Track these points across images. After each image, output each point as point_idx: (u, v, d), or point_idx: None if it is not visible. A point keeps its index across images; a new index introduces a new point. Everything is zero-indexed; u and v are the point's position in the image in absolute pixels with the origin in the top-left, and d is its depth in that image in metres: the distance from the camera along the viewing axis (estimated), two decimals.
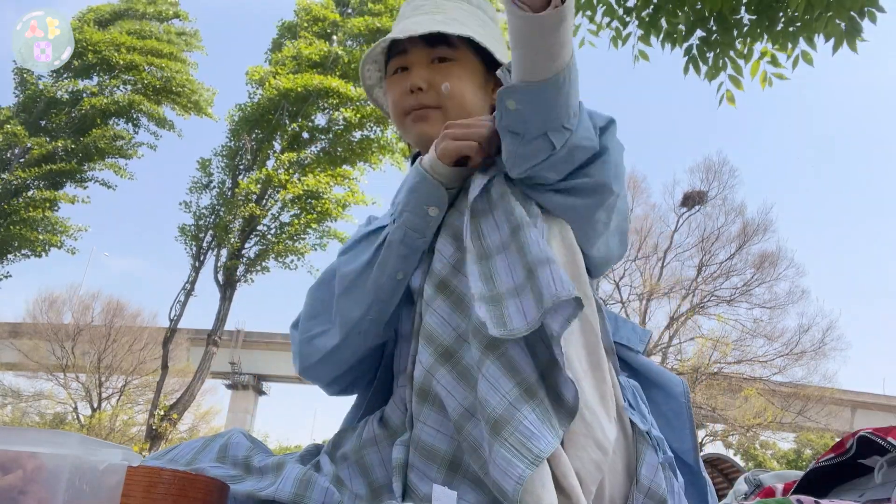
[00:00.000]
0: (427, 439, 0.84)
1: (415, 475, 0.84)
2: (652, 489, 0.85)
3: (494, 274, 0.87)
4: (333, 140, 13.70)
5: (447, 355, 0.85)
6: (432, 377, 0.84)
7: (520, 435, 0.73)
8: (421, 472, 0.83)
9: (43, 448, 0.56)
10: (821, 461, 1.29)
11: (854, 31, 3.09)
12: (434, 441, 0.83)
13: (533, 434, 0.73)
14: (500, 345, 0.79)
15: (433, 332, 0.86)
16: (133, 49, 14.32)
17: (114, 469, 0.62)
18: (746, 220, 16.80)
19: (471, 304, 0.84)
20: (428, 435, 0.84)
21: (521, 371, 0.78)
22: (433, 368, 0.84)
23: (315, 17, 14.52)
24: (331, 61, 13.54)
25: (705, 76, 3.64)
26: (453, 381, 0.83)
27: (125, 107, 14.34)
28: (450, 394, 0.83)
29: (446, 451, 0.83)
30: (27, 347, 18.23)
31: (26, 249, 13.52)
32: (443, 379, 0.83)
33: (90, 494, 0.58)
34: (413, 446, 0.85)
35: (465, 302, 0.88)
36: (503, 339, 0.79)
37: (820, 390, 16.54)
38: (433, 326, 0.87)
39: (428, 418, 0.84)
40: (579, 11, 3.69)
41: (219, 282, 13.72)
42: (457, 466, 0.83)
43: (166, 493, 0.72)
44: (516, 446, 0.73)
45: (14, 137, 13.41)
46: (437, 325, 0.86)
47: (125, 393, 19.23)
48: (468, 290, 0.86)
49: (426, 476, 0.83)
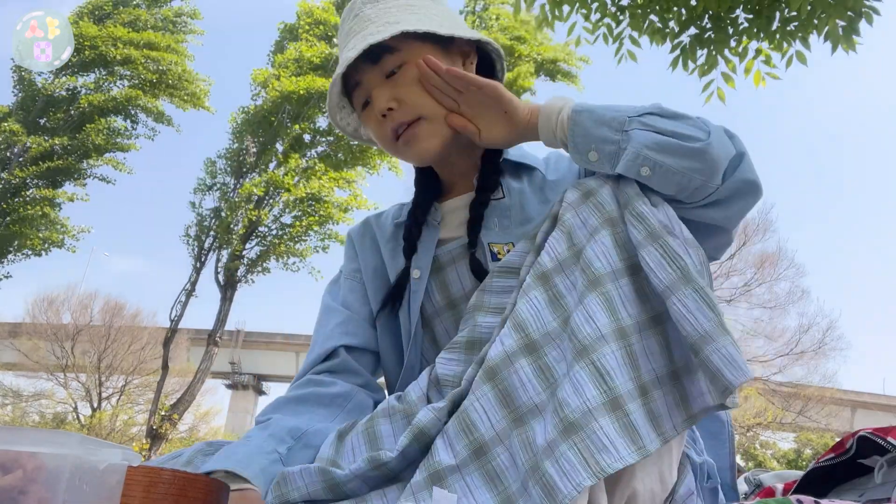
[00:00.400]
0: (472, 414, 0.81)
1: (441, 442, 0.81)
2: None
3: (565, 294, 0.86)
4: (334, 143, 13.73)
5: (532, 347, 0.82)
6: (511, 363, 0.81)
7: (591, 444, 0.71)
8: (450, 441, 0.81)
9: (43, 448, 0.55)
10: (821, 461, 1.29)
11: (852, 32, 3.09)
12: (478, 420, 0.81)
13: (605, 447, 0.71)
14: (593, 352, 0.77)
15: (525, 321, 0.83)
16: (129, 43, 14.27)
17: (114, 469, 0.62)
18: (746, 220, 16.75)
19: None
20: (475, 411, 0.81)
21: (610, 381, 0.75)
22: (515, 356, 0.81)
23: (316, 20, 14.54)
24: (332, 64, 13.56)
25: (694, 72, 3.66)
26: (532, 374, 0.80)
27: (123, 102, 14.32)
28: (524, 385, 0.80)
29: (482, 434, 0.80)
30: (27, 347, 18.23)
31: (26, 249, 13.52)
32: (521, 370, 0.81)
33: (90, 494, 0.58)
34: (456, 416, 0.82)
35: (561, 302, 0.85)
36: (598, 347, 0.77)
37: (820, 390, 16.54)
38: (526, 315, 0.83)
39: (484, 398, 0.81)
40: (573, 9, 3.70)
41: (219, 282, 13.74)
42: (483, 453, 0.80)
43: (166, 493, 0.72)
44: (584, 454, 0.71)
45: (13, 136, 13.40)
46: (531, 316, 0.83)
47: (125, 393, 19.23)
48: (568, 291, 0.85)
49: (452, 447, 0.80)
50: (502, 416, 0.80)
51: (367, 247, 1.23)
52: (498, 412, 0.80)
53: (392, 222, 1.23)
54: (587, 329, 0.78)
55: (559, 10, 3.71)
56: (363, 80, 1.08)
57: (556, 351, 0.81)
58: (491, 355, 0.83)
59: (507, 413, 0.80)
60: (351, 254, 1.25)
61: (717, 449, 1.00)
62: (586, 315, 0.79)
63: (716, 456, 0.99)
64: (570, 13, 3.71)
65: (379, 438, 0.91)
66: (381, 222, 1.25)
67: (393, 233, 1.21)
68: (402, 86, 1.06)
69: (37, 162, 13.54)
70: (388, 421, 0.92)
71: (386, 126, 1.07)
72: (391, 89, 1.06)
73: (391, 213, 1.26)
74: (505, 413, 0.80)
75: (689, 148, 0.88)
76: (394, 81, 1.06)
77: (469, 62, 1.15)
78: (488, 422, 0.80)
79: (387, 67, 1.06)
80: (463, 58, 1.14)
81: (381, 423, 0.92)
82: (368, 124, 1.13)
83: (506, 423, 0.80)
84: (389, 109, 1.05)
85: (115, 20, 14.69)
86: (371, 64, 1.06)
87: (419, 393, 0.93)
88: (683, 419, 0.78)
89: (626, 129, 0.90)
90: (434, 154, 1.09)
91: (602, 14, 3.70)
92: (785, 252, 16.42)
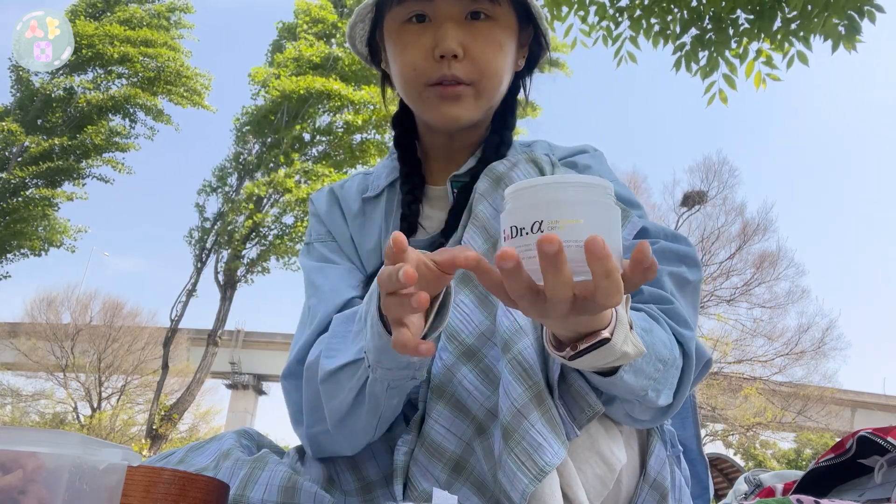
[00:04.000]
0: (436, 437, 0.81)
1: (417, 470, 0.82)
2: (657, 481, 0.85)
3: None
4: (334, 142, 13.74)
5: (469, 353, 0.81)
6: (453, 375, 0.81)
7: (526, 445, 0.71)
8: (424, 468, 0.82)
9: (43, 448, 0.55)
10: (821, 461, 1.29)
11: (853, 32, 3.09)
12: (442, 440, 0.81)
13: (539, 445, 0.71)
14: (514, 346, 0.75)
15: (457, 329, 0.81)
16: (126, 41, 14.26)
17: (114, 469, 0.62)
18: (746, 220, 16.80)
19: (497, 304, 0.80)
20: (437, 433, 0.81)
21: (533, 375, 0.74)
22: (455, 367, 0.80)
23: (314, 19, 14.54)
24: (330, 63, 13.57)
25: (697, 73, 3.66)
26: (476, 380, 0.80)
27: (121, 101, 14.33)
28: (471, 394, 0.80)
29: (453, 451, 0.81)
30: (26, 347, 18.22)
31: (25, 248, 13.52)
32: (465, 378, 0.80)
33: (90, 494, 0.58)
34: (420, 442, 0.82)
35: (491, 299, 0.82)
36: (517, 340, 0.75)
37: (820, 390, 16.54)
38: (456, 323, 0.81)
39: (440, 416, 0.81)
40: (571, 11, 3.71)
41: (219, 282, 13.76)
42: (461, 468, 0.81)
43: (166, 493, 0.72)
44: (522, 458, 0.71)
45: (11, 136, 13.41)
46: (461, 322, 0.81)
47: (125, 393, 19.22)
48: None
49: (429, 473, 0.81)
50: (466, 427, 0.81)
51: (335, 217, 1.09)
52: (460, 425, 0.81)
53: (358, 196, 1.09)
54: (506, 322, 0.77)
55: (557, 11, 3.71)
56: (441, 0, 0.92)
57: (494, 349, 0.80)
58: (434, 372, 0.82)
59: (469, 422, 0.80)
60: (317, 220, 1.11)
61: (683, 418, 1.01)
62: (505, 308, 0.77)
63: (682, 425, 1.00)
64: (568, 14, 3.71)
65: (361, 463, 0.91)
66: (345, 194, 1.11)
67: (360, 208, 1.08)
68: (480, 39, 0.93)
69: (36, 162, 13.54)
70: (368, 446, 0.92)
71: (434, 68, 0.92)
72: (466, 34, 0.92)
73: (355, 185, 1.12)
74: (467, 423, 0.81)
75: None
76: (472, 27, 0.93)
77: (523, 54, 1.05)
78: (453, 437, 0.81)
79: (475, 7, 0.93)
80: (525, 41, 1.04)
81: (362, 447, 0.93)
82: (407, 44, 0.95)
83: (470, 431, 0.80)
84: (454, 57, 0.91)
85: (111, 18, 14.67)
86: None
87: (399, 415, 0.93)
88: (593, 404, 0.76)
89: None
90: (458, 125, 0.97)
91: (600, 17, 3.70)
92: (785, 252, 16.44)
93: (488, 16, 0.94)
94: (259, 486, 0.86)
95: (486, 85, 0.94)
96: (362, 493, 0.91)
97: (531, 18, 1.01)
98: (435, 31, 0.92)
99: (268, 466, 0.89)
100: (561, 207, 0.54)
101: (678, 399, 0.80)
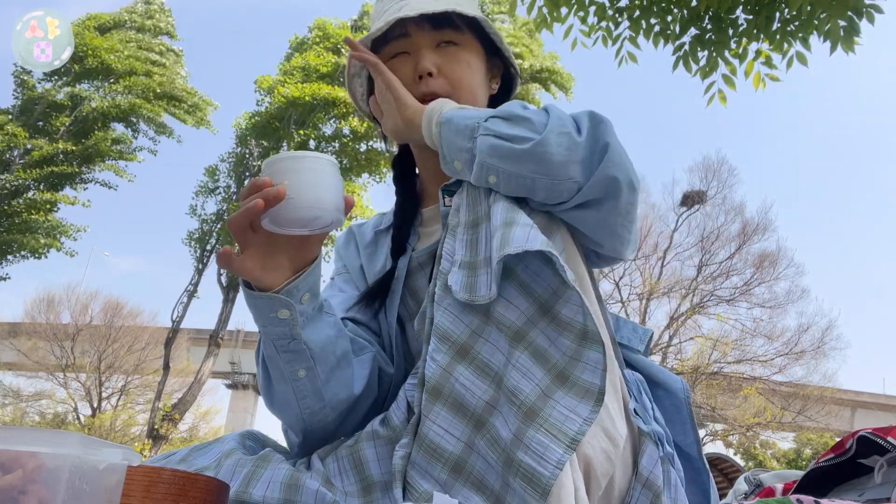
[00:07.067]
0: (434, 438, 0.82)
1: (416, 472, 0.82)
2: (650, 480, 0.86)
3: (479, 242, 0.86)
4: (339, 150, 13.76)
5: (463, 352, 0.83)
6: (449, 375, 0.82)
7: (554, 420, 0.74)
8: (423, 469, 0.82)
9: (43, 448, 0.55)
10: (821, 461, 1.29)
11: (851, 33, 3.09)
12: (441, 441, 0.82)
13: (567, 417, 0.74)
14: (526, 335, 0.79)
15: (447, 331, 0.84)
16: (132, 57, 14.41)
17: (114, 469, 0.62)
18: (746, 220, 16.81)
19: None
20: (435, 434, 0.82)
21: (550, 359, 0.78)
22: (450, 367, 0.82)
23: (327, 34, 14.63)
24: (339, 73, 13.59)
25: (696, 74, 3.66)
26: (472, 376, 0.81)
27: (126, 110, 14.42)
28: (469, 389, 0.81)
29: (452, 452, 0.81)
30: (26, 347, 18.23)
31: (25, 251, 13.53)
32: (461, 376, 0.82)
33: (90, 494, 0.58)
34: (418, 444, 0.83)
35: (476, 304, 0.85)
36: (527, 330, 0.79)
37: (820, 390, 16.54)
38: (446, 325, 0.84)
39: (438, 417, 0.82)
40: (570, 12, 3.71)
41: (222, 284, 13.77)
42: (460, 468, 0.81)
43: (166, 493, 0.72)
44: (553, 431, 0.73)
45: (14, 139, 13.42)
46: (450, 324, 0.84)
47: (126, 393, 19.23)
48: None
49: (428, 474, 0.82)
50: (464, 427, 0.81)
51: (350, 251, 1.26)
52: (458, 425, 0.82)
53: (372, 230, 1.25)
54: (512, 316, 0.81)
55: (557, 12, 3.71)
56: (415, 35, 1.10)
57: (486, 345, 0.82)
58: (428, 375, 0.84)
59: (467, 421, 0.81)
60: (336, 256, 1.29)
61: (681, 424, 1.01)
62: (506, 301, 0.81)
63: (681, 431, 1.00)
64: (567, 14, 3.71)
65: (364, 463, 0.93)
66: (362, 230, 1.28)
67: (372, 239, 1.23)
68: (451, 60, 1.10)
69: (38, 165, 13.57)
70: (372, 445, 0.94)
71: (415, 88, 1.08)
72: (439, 57, 1.10)
73: (372, 222, 1.29)
74: (465, 422, 0.81)
75: (519, 150, 0.86)
76: (444, 52, 1.10)
77: (496, 80, 1.20)
78: (453, 438, 0.81)
79: (443, 38, 1.10)
80: (496, 71, 1.19)
81: (365, 447, 0.94)
82: (395, 74, 1.09)
83: (469, 431, 0.81)
84: (429, 74, 1.08)
85: (117, 38, 14.87)
86: (430, 26, 1.10)
87: (401, 417, 0.94)
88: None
89: (475, 136, 0.89)
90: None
91: (600, 17, 3.70)
92: (785, 252, 16.45)
93: (455, 43, 1.11)
94: (262, 484, 0.88)
95: (460, 97, 1.08)
96: (363, 493, 0.91)
97: (497, 50, 1.17)
98: (414, 59, 1.10)
99: (271, 464, 0.91)
100: (278, 174, 0.86)
101: (599, 179, 0.85)
